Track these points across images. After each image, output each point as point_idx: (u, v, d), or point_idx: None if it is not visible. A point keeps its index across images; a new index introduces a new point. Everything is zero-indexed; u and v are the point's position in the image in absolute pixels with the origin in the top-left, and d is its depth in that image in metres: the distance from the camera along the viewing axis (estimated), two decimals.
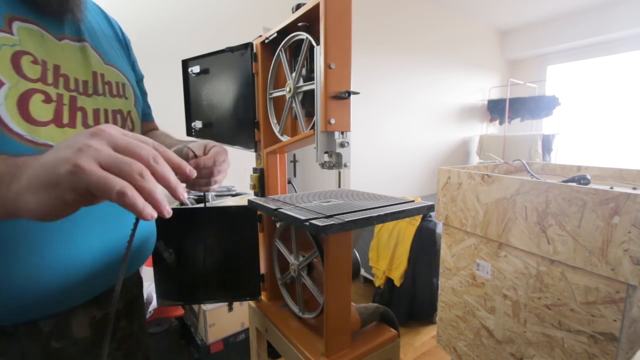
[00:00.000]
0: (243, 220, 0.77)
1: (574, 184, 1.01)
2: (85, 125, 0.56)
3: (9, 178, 0.35)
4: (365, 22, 2.82)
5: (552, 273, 1.06)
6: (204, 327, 1.48)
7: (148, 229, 0.69)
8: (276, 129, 0.77)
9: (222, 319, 1.51)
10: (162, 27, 1.86)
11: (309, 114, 0.67)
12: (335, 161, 0.61)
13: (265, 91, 0.78)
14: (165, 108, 1.37)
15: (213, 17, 2.04)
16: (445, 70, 3.60)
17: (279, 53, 0.72)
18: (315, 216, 0.55)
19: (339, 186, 2.90)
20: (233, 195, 1.87)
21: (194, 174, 0.39)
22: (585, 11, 3.54)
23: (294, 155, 3.17)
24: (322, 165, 0.61)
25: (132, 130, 0.67)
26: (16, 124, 0.47)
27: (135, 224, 0.37)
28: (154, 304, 1.45)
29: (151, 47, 1.82)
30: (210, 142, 0.66)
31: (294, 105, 0.68)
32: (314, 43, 0.60)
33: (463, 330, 1.41)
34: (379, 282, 2.26)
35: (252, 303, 0.86)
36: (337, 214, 0.56)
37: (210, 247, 0.76)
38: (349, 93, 0.58)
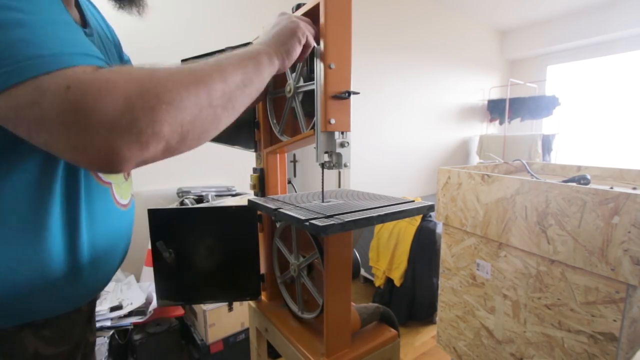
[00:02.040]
0: (243, 220, 0.77)
1: (574, 184, 1.01)
2: None
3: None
4: (365, 20, 2.82)
5: (552, 273, 1.06)
6: (204, 327, 1.48)
7: (118, 232, 0.60)
8: (276, 129, 0.77)
9: (222, 319, 1.51)
10: (162, 26, 1.86)
11: (309, 114, 0.67)
12: (335, 161, 0.61)
13: (265, 91, 0.78)
14: None
15: (213, 17, 2.03)
16: (445, 69, 3.59)
17: None
18: (315, 216, 0.55)
19: (339, 186, 2.90)
20: (233, 195, 1.86)
21: None
22: (585, 11, 3.54)
23: (294, 155, 3.16)
24: (322, 165, 0.61)
25: None
26: None
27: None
28: (154, 304, 1.45)
29: (151, 46, 1.82)
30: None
31: (294, 105, 0.68)
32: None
33: (463, 330, 1.41)
34: (379, 282, 2.26)
35: (252, 303, 0.86)
36: (337, 214, 0.56)
37: (210, 247, 0.76)
38: (349, 93, 0.58)
